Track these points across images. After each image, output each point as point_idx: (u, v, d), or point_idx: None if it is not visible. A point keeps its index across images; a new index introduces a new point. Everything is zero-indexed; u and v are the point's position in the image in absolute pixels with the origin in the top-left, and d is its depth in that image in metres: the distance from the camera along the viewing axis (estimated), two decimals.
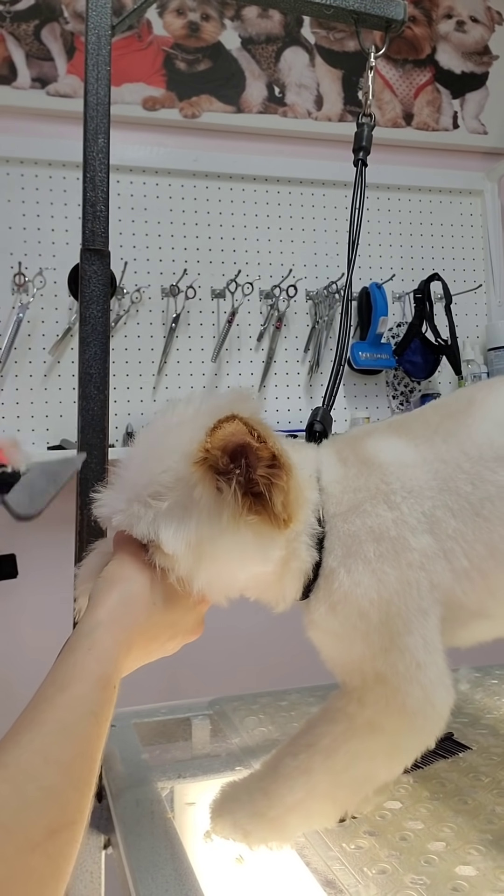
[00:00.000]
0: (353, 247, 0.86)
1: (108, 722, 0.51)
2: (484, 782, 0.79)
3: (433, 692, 0.62)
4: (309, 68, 2.07)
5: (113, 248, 0.86)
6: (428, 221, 2.13)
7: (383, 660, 0.62)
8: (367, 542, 0.62)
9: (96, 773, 0.49)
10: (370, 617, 0.62)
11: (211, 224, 1.93)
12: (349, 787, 0.65)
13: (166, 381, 1.85)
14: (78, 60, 1.85)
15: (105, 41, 0.86)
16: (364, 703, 0.63)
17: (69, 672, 0.51)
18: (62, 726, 0.47)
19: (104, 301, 0.85)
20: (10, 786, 0.42)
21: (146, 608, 0.58)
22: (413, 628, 0.62)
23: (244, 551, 0.60)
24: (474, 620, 0.66)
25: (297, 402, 1.95)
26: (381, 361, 1.95)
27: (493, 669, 1.16)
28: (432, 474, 0.64)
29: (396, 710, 0.61)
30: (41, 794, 0.43)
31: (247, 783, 0.69)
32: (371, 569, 0.62)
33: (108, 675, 0.52)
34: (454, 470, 0.64)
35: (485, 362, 2.06)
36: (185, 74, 1.95)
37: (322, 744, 0.64)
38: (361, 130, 0.90)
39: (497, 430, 0.65)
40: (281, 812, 0.64)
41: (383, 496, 0.64)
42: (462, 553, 0.63)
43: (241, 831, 0.66)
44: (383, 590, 0.62)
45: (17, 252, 1.75)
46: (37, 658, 1.73)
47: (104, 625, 0.54)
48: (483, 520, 0.62)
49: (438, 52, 2.21)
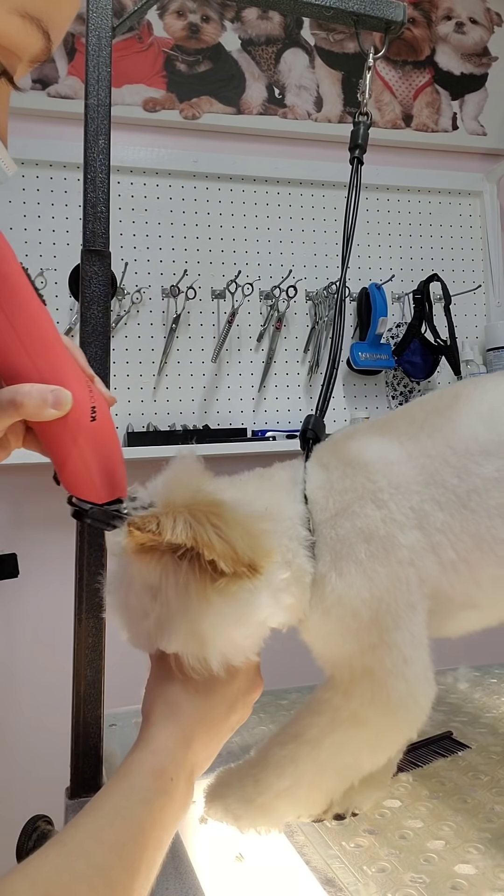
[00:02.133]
0: (348, 244, 0.87)
1: (167, 812, 0.52)
2: (483, 781, 0.79)
3: (416, 687, 0.63)
4: (309, 70, 2.07)
5: (113, 248, 0.86)
6: (427, 222, 2.13)
7: (371, 655, 0.63)
8: (357, 544, 0.63)
9: (153, 860, 0.50)
10: (362, 615, 0.63)
11: (211, 225, 1.93)
12: (334, 776, 0.67)
13: (166, 382, 1.86)
14: (78, 62, 1.86)
15: (106, 42, 0.86)
16: (350, 696, 0.64)
17: (127, 766, 0.54)
18: (115, 810, 0.50)
19: (105, 302, 0.85)
20: (63, 860, 0.45)
21: (189, 702, 0.58)
22: (402, 624, 0.63)
23: (235, 613, 0.57)
24: (461, 611, 0.67)
25: (296, 403, 1.96)
26: (380, 362, 1.96)
27: (492, 669, 1.16)
28: (418, 469, 0.65)
29: (381, 703, 0.63)
30: (91, 870, 0.45)
31: (239, 770, 0.70)
32: (363, 569, 0.62)
33: (162, 766, 0.54)
34: (440, 464, 0.64)
35: (484, 363, 2.06)
36: (185, 76, 1.95)
37: (308, 734, 0.66)
38: (358, 129, 0.90)
39: (482, 424, 0.65)
40: (269, 798, 0.66)
41: (370, 495, 0.64)
42: (449, 545, 0.63)
43: (233, 815, 0.68)
44: (374, 588, 0.62)
45: (18, 253, 1.75)
46: (37, 658, 1.74)
47: (156, 725, 0.57)
48: (470, 512, 0.63)
49: (438, 54, 2.21)
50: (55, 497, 1.76)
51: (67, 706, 0.83)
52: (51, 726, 1.69)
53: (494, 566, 0.64)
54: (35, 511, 1.76)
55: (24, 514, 1.76)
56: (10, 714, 1.73)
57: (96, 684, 0.83)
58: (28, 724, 1.72)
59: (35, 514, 1.77)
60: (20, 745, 1.71)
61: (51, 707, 1.70)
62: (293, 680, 1.11)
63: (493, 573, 0.64)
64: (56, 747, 1.29)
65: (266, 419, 1.92)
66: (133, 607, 0.59)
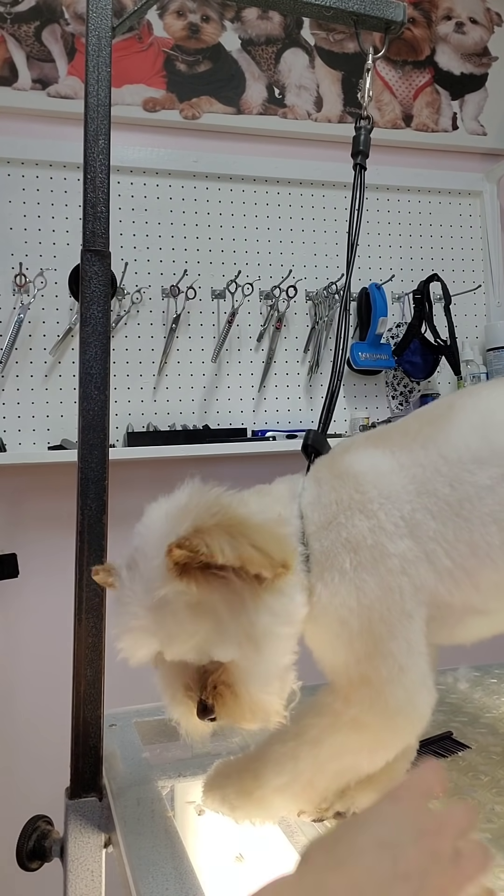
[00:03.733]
0: (352, 251, 0.87)
1: None
2: (483, 781, 0.79)
3: (415, 694, 0.64)
4: (309, 70, 2.07)
5: (113, 248, 0.86)
6: (427, 222, 2.13)
7: (367, 664, 0.64)
8: (341, 554, 0.64)
9: None
10: (351, 625, 0.64)
11: (211, 225, 1.93)
12: (332, 776, 0.68)
13: (166, 382, 1.86)
14: (78, 62, 1.86)
15: (105, 42, 0.86)
16: (349, 702, 0.65)
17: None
18: None
19: (105, 301, 0.85)
20: None
21: None
22: (397, 633, 0.63)
23: (283, 609, 0.62)
24: (468, 617, 0.67)
25: (296, 403, 1.96)
26: (380, 362, 1.96)
27: (492, 669, 1.16)
28: (409, 479, 0.66)
29: (380, 710, 0.64)
30: None
31: (238, 763, 0.72)
32: (348, 579, 0.64)
33: None
34: (432, 473, 0.65)
35: (484, 363, 2.06)
36: (185, 76, 1.95)
37: (310, 734, 0.67)
38: (359, 134, 0.90)
39: (474, 433, 0.66)
40: (267, 792, 0.67)
41: (358, 506, 0.65)
42: (444, 553, 0.64)
43: (229, 806, 0.69)
44: (363, 597, 0.63)
45: (18, 253, 1.76)
46: (37, 658, 1.74)
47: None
48: (463, 520, 0.64)
49: (438, 54, 2.21)
50: (55, 497, 1.76)
51: (67, 706, 0.83)
52: (51, 726, 1.69)
53: (493, 571, 0.64)
54: (35, 511, 1.77)
55: (24, 514, 1.76)
56: (10, 714, 1.73)
57: (96, 684, 0.83)
58: (28, 724, 1.72)
59: (35, 514, 1.77)
60: (20, 745, 1.71)
61: (51, 707, 1.70)
62: None
63: (493, 579, 0.65)
64: (56, 747, 1.29)
65: (266, 419, 1.92)
66: (172, 627, 0.59)
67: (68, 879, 0.79)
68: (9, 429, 1.72)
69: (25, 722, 1.72)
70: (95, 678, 0.83)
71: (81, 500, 0.83)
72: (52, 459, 1.66)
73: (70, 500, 0.88)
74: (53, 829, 0.85)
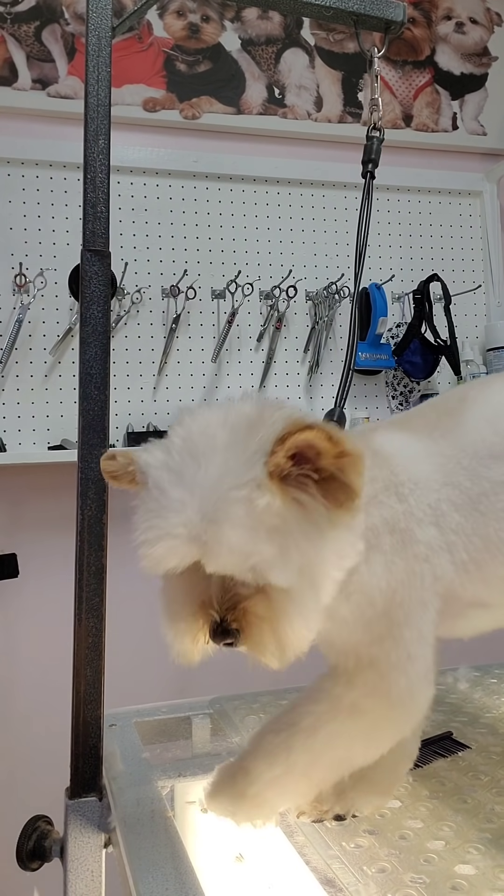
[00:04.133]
0: (360, 259, 0.86)
1: None
2: (483, 781, 0.79)
3: (416, 685, 0.64)
4: (309, 70, 2.07)
5: (113, 248, 0.86)
6: (427, 222, 2.13)
7: (378, 647, 0.64)
8: (384, 535, 0.64)
9: None
10: (377, 605, 0.63)
11: (211, 225, 1.93)
12: (326, 768, 0.67)
13: (166, 382, 1.86)
14: (78, 62, 1.86)
15: (105, 42, 0.86)
16: (352, 685, 0.65)
17: None
18: None
19: (105, 302, 0.85)
20: None
21: None
22: (411, 620, 0.63)
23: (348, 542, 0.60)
24: (471, 610, 0.68)
25: (296, 403, 1.95)
26: (380, 362, 1.96)
27: (492, 668, 1.16)
28: (436, 467, 0.66)
29: (381, 696, 0.64)
30: None
31: (232, 765, 0.71)
32: (385, 559, 0.63)
33: None
34: (455, 465, 0.66)
35: (484, 363, 2.06)
36: (185, 76, 1.95)
37: (304, 723, 0.66)
38: (371, 144, 0.91)
39: (489, 427, 0.67)
40: (260, 788, 0.66)
41: (394, 487, 0.65)
42: (462, 546, 0.65)
43: (227, 811, 0.68)
44: (392, 579, 0.63)
45: (18, 253, 1.76)
46: (37, 658, 1.73)
47: None
48: (480, 514, 0.65)
49: (438, 54, 2.21)
50: (55, 497, 1.76)
51: (67, 706, 0.83)
52: (51, 726, 1.69)
53: (502, 566, 0.65)
54: (35, 511, 1.77)
55: (24, 514, 1.76)
56: (10, 714, 1.73)
57: (96, 684, 0.83)
58: (28, 724, 1.72)
59: (35, 514, 1.77)
60: (20, 745, 1.71)
61: (51, 707, 1.70)
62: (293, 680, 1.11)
63: (501, 573, 0.65)
64: (56, 747, 1.29)
65: None
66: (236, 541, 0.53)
67: (68, 879, 0.79)
68: (9, 429, 1.72)
69: (25, 722, 1.72)
70: (95, 678, 0.83)
71: (81, 500, 0.83)
72: (52, 459, 1.66)
73: (70, 500, 0.88)
74: (53, 829, 0.85)
